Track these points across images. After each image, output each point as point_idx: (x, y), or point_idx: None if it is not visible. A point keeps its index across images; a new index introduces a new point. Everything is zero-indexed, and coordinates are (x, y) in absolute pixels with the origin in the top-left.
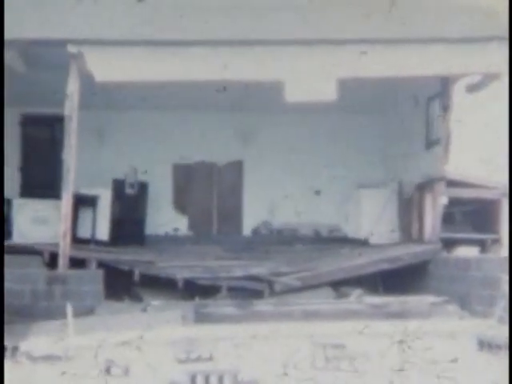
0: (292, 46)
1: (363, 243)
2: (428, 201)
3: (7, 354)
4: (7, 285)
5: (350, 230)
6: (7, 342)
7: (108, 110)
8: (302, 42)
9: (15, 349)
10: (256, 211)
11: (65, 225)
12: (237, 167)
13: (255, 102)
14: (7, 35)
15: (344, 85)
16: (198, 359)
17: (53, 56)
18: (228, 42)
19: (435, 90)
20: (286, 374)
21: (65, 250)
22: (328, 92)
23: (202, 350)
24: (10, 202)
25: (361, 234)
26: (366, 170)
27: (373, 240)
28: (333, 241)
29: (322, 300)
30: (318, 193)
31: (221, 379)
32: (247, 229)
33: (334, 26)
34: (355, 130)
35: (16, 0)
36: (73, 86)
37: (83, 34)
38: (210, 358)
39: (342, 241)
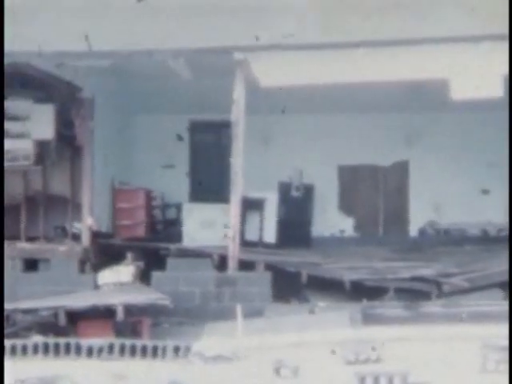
0: (457, 42)
1: None
2: None
3: (180, 353)
4: (179, 287)
5: None
6: (180, 343)
7: (273, 114)
8: (467, 38)
9: (187, 349)
10: (422, 211)
11: (234, 228)
12: (402, 168)
13: (420, 102)
14: (174, 44)
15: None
16: (367, 361)
17: (218, 63)
18: (391, 42)
19: None
20: (455, 377)
21: (234, 252)
22: (494, 88)
23: (370, 351)
24: (179, 206)
25: None
26: None
27: None
28: (501, 240)
29: (491, 301)
30: (485, 192)
31: (390, 381)
32: (414, 229)
33: (500, 21)
34: None
35: (189, 9)
36: (239, 92)
37: (248, 40)
38: (379, 360)
39: None
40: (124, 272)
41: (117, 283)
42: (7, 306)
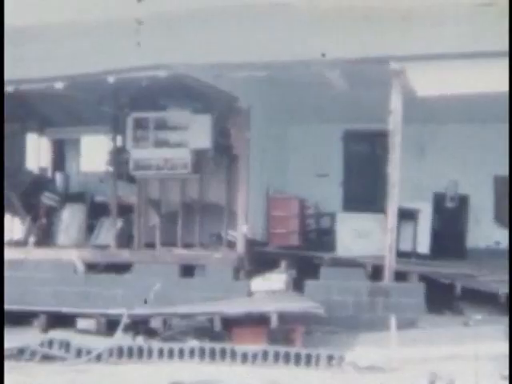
0: None
1: None
2: None
3: (334, 362)
4: (332, 296)
5: None
6: (334, 351)
7: (428, 123)
8: None
9: (341, 358)
10: None
11: (390, 238)
12: None
13: None
14: (330, 55)
15: None
16: None
17: (374, 73)
18: None
19: None
20: None
21: (390, 262)
22: None
23: None
24: (333, 215)
25: None
26: None
27: None
28: None
29: None
30: None
31: None
32: None
33: None
34: None
35: (345, 19)
36: (396, 102)
37: (405, 50)
38: None
39: None
40: (277, 280)
41: (269, 291)
42: (166, 310)
